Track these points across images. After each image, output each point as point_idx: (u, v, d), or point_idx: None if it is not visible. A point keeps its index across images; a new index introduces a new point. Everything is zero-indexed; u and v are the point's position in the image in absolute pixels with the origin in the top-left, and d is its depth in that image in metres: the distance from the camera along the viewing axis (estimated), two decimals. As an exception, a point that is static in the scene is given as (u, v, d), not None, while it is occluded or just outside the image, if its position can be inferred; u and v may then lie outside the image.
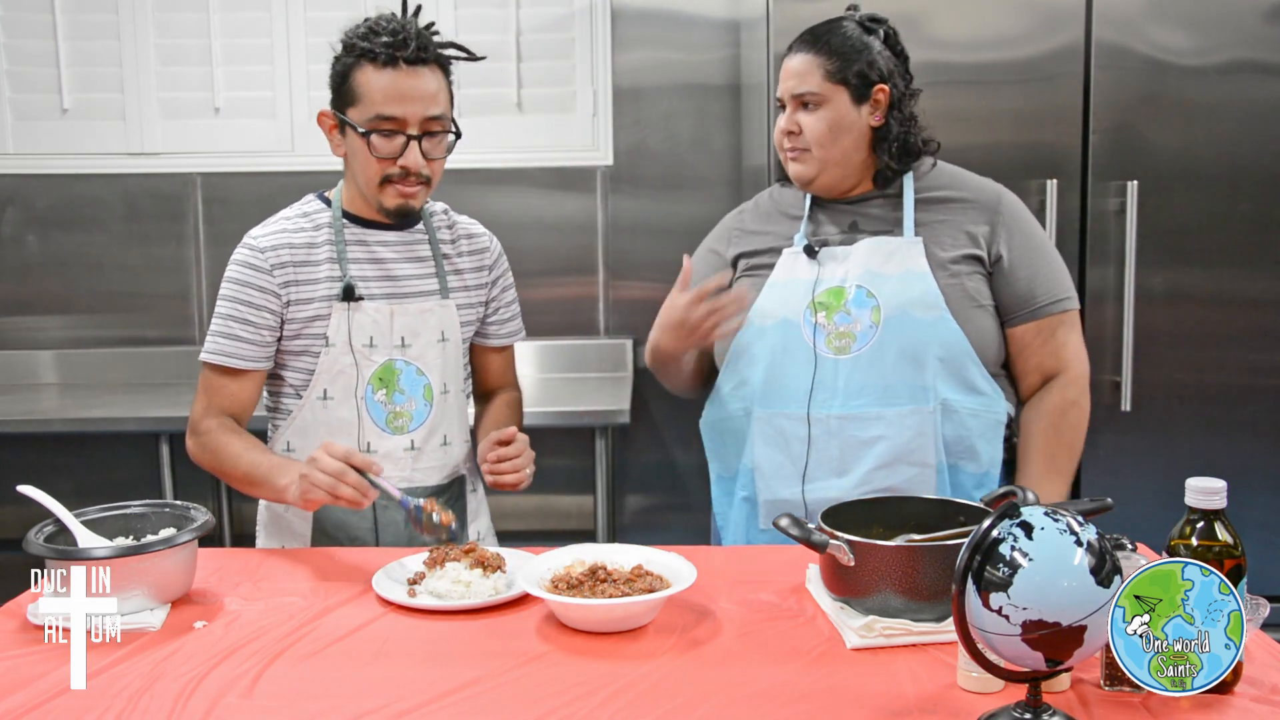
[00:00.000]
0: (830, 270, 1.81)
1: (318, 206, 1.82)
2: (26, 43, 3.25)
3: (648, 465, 3.34)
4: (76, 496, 1.56)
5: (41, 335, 3.36)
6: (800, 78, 1.80)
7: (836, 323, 1.78)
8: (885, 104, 1.81)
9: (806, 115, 1.80)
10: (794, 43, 1.83)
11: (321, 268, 1.77)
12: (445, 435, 1.85)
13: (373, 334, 1.77)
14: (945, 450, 1.75)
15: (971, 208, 1.82)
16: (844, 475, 1.76)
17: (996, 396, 1.78)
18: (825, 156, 1.80)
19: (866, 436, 1.75)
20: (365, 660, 1.28)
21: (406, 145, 1.68)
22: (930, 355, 1.74)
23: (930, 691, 1.17)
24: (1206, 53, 2.53)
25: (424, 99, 1.68)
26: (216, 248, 3.32)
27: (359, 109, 1.69)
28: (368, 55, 1.67)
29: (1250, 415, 2.64)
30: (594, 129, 3.30)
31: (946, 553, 1.30)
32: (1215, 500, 1.18)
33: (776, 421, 1.80)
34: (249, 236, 1.80)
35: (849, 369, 1.76)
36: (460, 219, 1.92)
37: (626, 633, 1.34)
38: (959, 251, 1.79)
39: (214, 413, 1.78)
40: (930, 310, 1.75)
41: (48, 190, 3.31)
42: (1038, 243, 1.83)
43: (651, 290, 3.32)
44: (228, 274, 1.78)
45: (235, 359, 1.76)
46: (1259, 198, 2.58)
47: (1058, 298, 1.81)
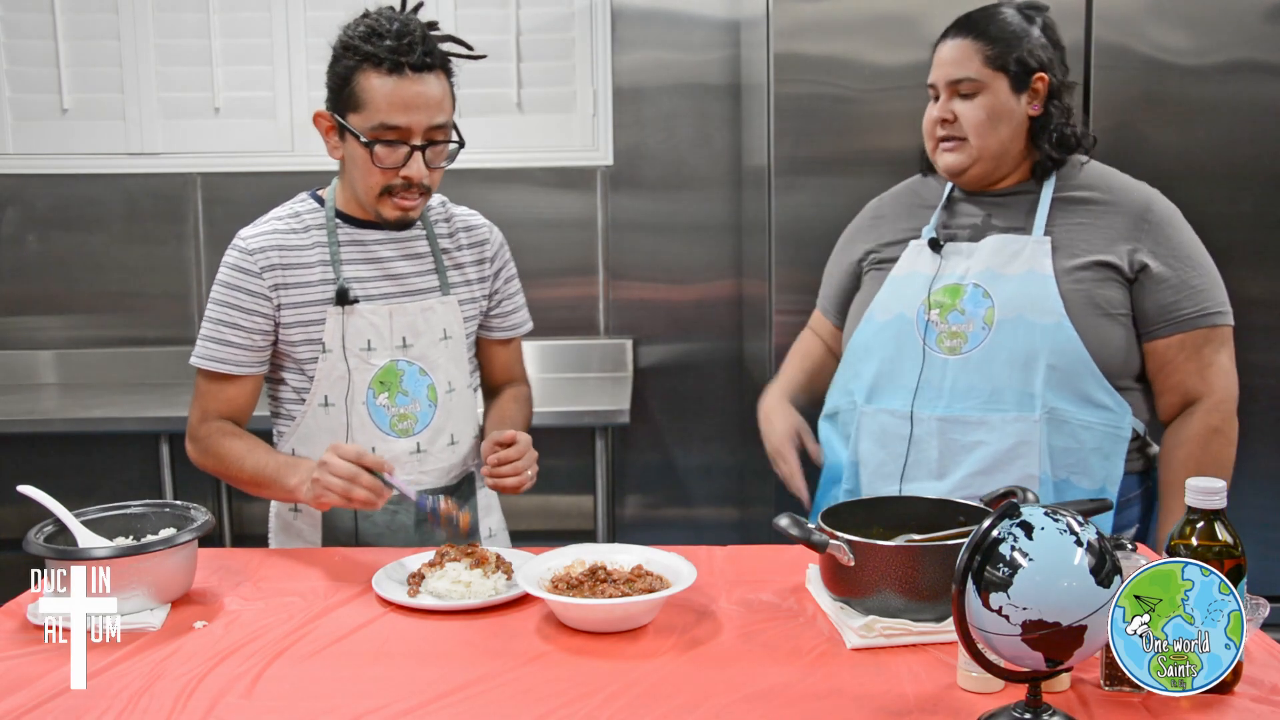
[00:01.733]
0: (952, 266, 1.76)
1: (310, 206, 1.78)
2: (26, 43, 3.25)
3: (648, 465, 3.34)
4: (76, 496, 1.56)
5: (41, 335, 3.36)
6: (958, 64, 1.73)
7: (950, 322, 1.73)
8: (1044, 93, 1.75)
9: (963, 103, 1.73)
10: (949, 29, 1.77)
11: (314, 270, 1.73)
12: (452, 435, 1.82)
13: (370, 337, 1.74)
14: (1053, 462, 1.67)
15: (1114, 212, 1.74)
16: (942, 478, 1.71)
17: (1120, 411, 1.69)
18: (982, 146, 1.74)
19: (967, 441, 1.69)
20: (365, 660, 1.28)
21: (410, 155, 1.64)
22: (1041, 362, 1.67)
23: (930, 691, 1.17)
24: (1206, 53, 2.53)
25: (429, 108, 1.63)
26: (216, 248, 3.30)
27: (361, 116, 1.63)
28: (371, 60, 1.61)
29: (1250, 415, 2.63)
30: (594, 129, 3.30)
31: (946, 553, 1.30)
32: (1215, 500, 1.18)
33: (880, 418, 1.76)
34: (238, 237, 1.75)
35: (957, 370, 1.71)
36: (458, 210, 1.88)
37: (626, 633, 1.34)
38: (1092, 257, 1.71)
39: (210, 417, 1.75)
40: (1047, 315, 1.68)
41: (48, 190, 3.31)
42: (1188, 251, 1.74)
43: (651, 290, 3.33)
44: (218, 276, 1.75)
45: (225, 364, 1.73)
46: (1259, 198, 2.57)
47: (1206, 310, 1.72)
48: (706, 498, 3.34)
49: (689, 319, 3.32)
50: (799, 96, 2.50)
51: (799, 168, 2.47)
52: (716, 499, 3.33)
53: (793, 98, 2.51)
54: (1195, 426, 1.74)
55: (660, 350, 3.35)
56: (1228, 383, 1.76)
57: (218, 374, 1.74)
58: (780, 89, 2.54)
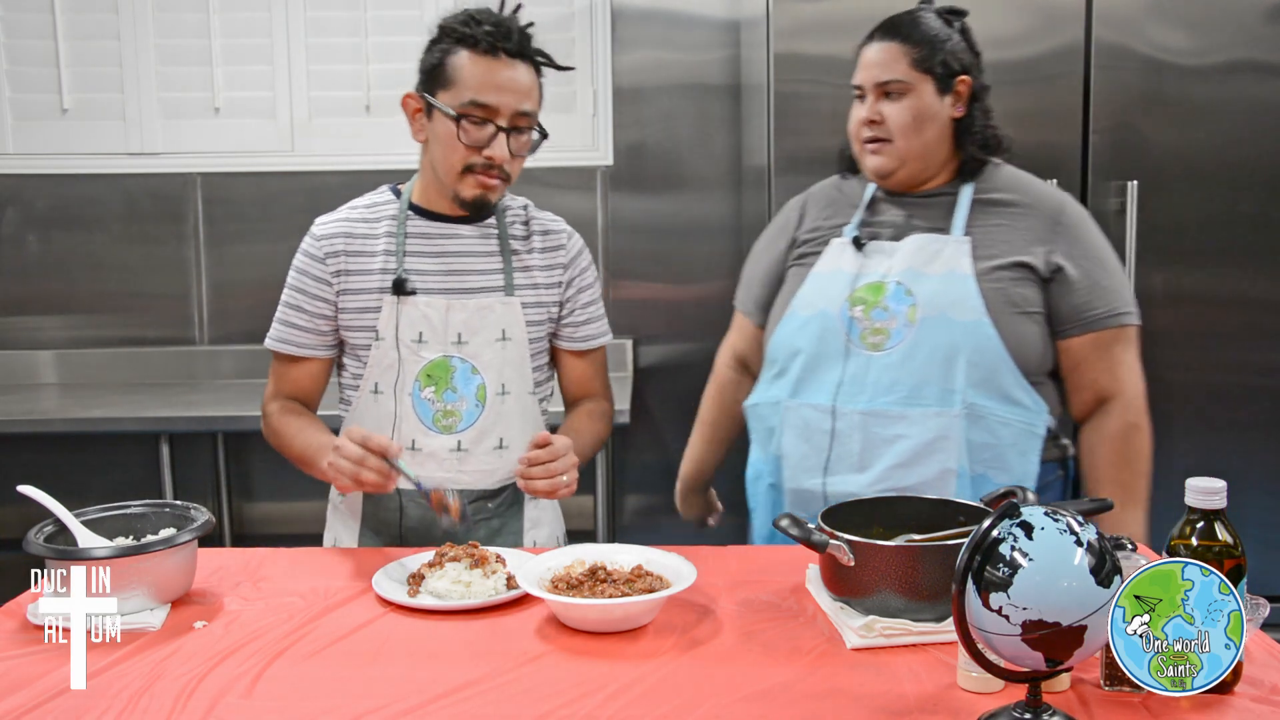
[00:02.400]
0: (874, 264, 1.80)
1: (387, 197, 1.81)
2: (26, 43, 3.25)
3: (648, 465, 3.34)
4: (76, 496, 1.56)
5: (41, 335, 3.36)
6: (884, 65, 1.76)
7: (873, 318, 1.76)
8: (966, 95, 1.79)
9: (890, 104, 1.76)
10: (874, 31, 1.80)
11: (376, 259, 1.76)
12: (501, 438, 1.78)
13: (423, 329, 1.74)
14: (971, 456, 1.71)
15: (1030, 214, 1.78)
16: (864, 471, 1.75)
17: (1037, 409, 1.74)
18: (908, 147, 1.77)
19: (888, 434, 1.73)
20: (365, 660, 1.28)
21: (495, 135, 1.67)
22: (961, 358, 1.71)
23: (930, 691, 1.17)
24: (1206, 53, 2.53)
25: (519, 92, 1.66)
26: (216, 248, 3.33)
27: (451, 93, 1.66)
28: (468, 41, 1.66)
29: (1250, 415, 2.64)
30: (594, 129, 3.30)
31: (946, 553, 1.30)
32: (1215, 500, 1.18)
33: (803, 412, 1.79)
34: (315, 223, 1.81)
35: (880, 365, 1.75)
36: (541, 215, 1.87)
37: (626, 633, 1.34)
38: (1008, 258, 1.75)
39: (279, 396, 1.82)
40: (967, 313, 1.72)
41: (48, 190, 3.31)
42: (1099, 254, 1.79)
43: (651, 290, 3.33)
44: (294, 262, 1.81)
45: (289, 345, 1.80)
46: (1259, 198, 2.58)
47: (1115, 310, 1.76)
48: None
49: (689, 319, 3.32)
50: (799, 96, 2.50)
51: (799, 168, 2.47)
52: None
53: (793, 98, 2.51)
54: (1114, 424, 1.78)
55: (660, 350, 3.35)
56: (1137, 380, 1.81)
57: (285, 355, 1.81)
58: (780, 89, 2.54)
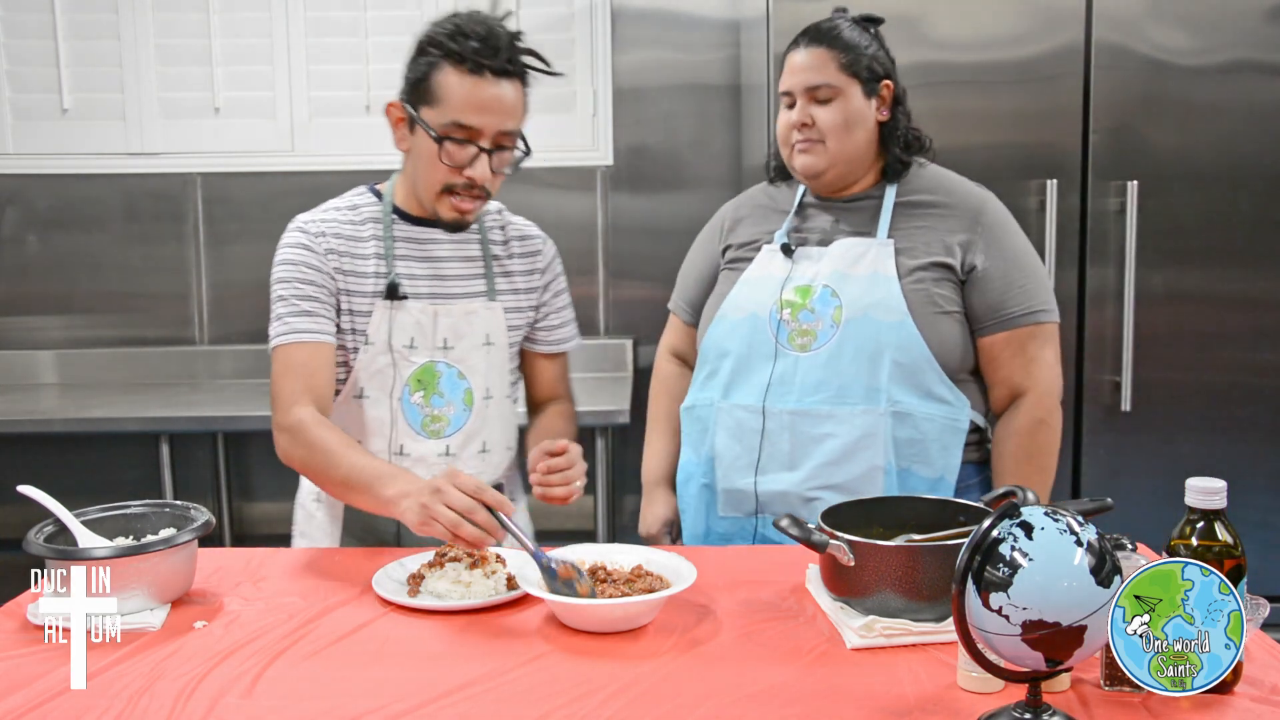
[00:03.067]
0: (803, 269, 1.83)
1: (368, 199, 1.79)
2: (26, 43, 3.25)
3: (647, 465, 3.33)
4: (76, 496, 1.56)
5: (41, 335, 3.36)
6: (813, 70, 1.79)
7: (800, 320, 1.80)
8: (889, 99, 1.83)
9: (820, 108, 1.80)
10: (798, 38, 1.83)
11: (368, 262, 1.74)
12: (484, 442, 1.80)
13: (414, 334, 1.73)
14: (896, 453, 1.75)
15: (951, 215, 1.82)
16: (794, 469, 1.77)
17: (959, 405, 1.78)
18: (838, 149, 1.80)
19: (817, 433, 1.76)
20: (365, 660, 1.28)
21: (476, 157, 1.64)
22: (886, 358, 1.74)
23: (930, 691, 1.17)
24: (1206, 53, 2.53)
25: (502, 112, 1.63)
26: (216, 248, 3.33)
27: (436, 111, 1.63)
28: (454, 57, 1.61)
29: (1250, 415, 2.64)
30: (594, 129, 3.30)
31: (946, 553, 1.30)
32: (1215, 500, 1.18)
33: (735, 413, 1.82)
34: (298, 222, 1.75)
35: (807, 366, 1.78)
36: (515, 219, 1.88)
37: (626, 633, 1.34)
38: (929, 259, 1.79)
39: (299, 400, 1.66)
40: (891, 313, 1.75)
41: (48, 190, 3.31)
42: (1015, 253, 1.82)
43: (651, 290, 3.32)
44: (281, 257, 1.72)
45: (311, 333, 1.68)
46: (1259, 198, 2.58)
47: (1031, 309, 1.79)
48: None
49: (689, 319, 3.32)
50: (799, 96, 2.49)
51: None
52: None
53: (793, 98, 2.51)
54: (1021, 419, 1.81)
55: (660, 350, 3.35)
56: (1051, 376, 1.83)
57: (301, 349, 1.67)
58: (780, 89, 2.54)
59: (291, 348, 1.68)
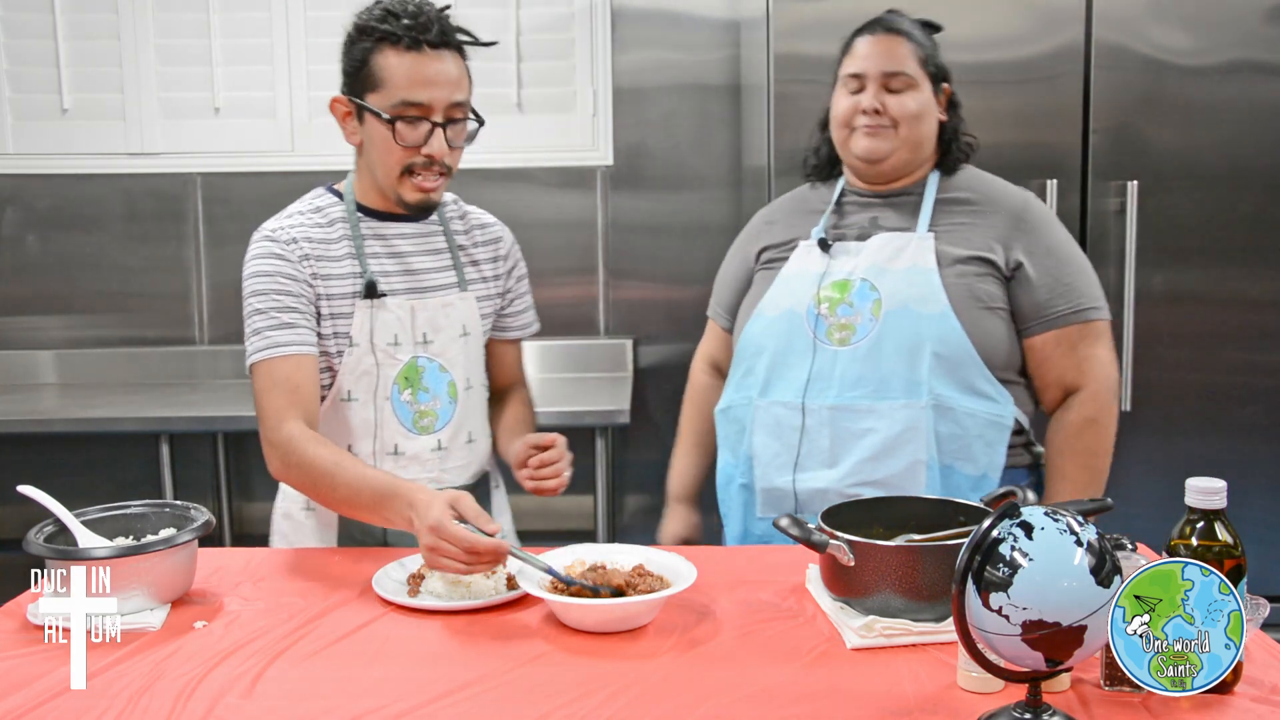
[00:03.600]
0: (840, 264, 1.82)
1: (329, 200, 1.76)
2: (26, 43, 3.25)
3: (648, 465, 3.32)
4: (76, 496, 1.56)
5: (41, 335, 3.36)
6: (894, 58, 1.79)
7: (839, 315, 1.78)
8: (946, 102, 1.85)
9: (892, 97, 1.79)
10: (872, 25, 1.83)
11: (342, 263, 1.71)
12: (470, 433, 1.80)
13: (396, 331, 1.72)
14: (939, 448, 1.73)
15: (994, 213, 1.81)
16: (834, 466, 1.76)
17: (1002, 401, 1.75)
18: (908, 136, 1.80)
19: (857, 428, 1.74)
20: (365, 660, 1.28)
21: (431, 133, 1.63)
22: (926, 350, 1.72)
23: (930, 691, 1.17)
24: (1206, 53, 2.53)
25: (449, 84, 1.63)
26: (216, 248, 3.32)
27: (381, 95, 1.63)
28: (389, 38, 1.61)
29: (1250, 415, 2.64)
30: (594, 129, 3.30)
31: (946, 553, 1.30)
32: (1215, 500, 1.18)
33: (774, 410, 1.80)
34: (265, 231, 1.70)
35: (846, 360, 1.76)
36: (471, 209, 1.88)
37: (626, 633, 1.34)
38: (972, 252, 1.77)
39: (289, 416, 1.62)
40: (932, 305, 1.73)
41: (48, 190, 3.31)
42: (1062, 252, 1.80)
43: (651, 290, 3.33)
44: (253, 269, 1.67)
45: (292, 346, 1.64)
46: (1259, 198, 2.58)
47: (1079, 307, 1.77)
48: (706, 498, 3.34)
49: (689, 319, 3.30)
50: (799, 96, 2.50)
51: (799, 168, 2.46)
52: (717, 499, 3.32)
53: (793, 98, 2.51)
54: (1071, 417, 1.80)
55: (660, 350, 3.35)
56: (1106, 374, 1.80)
57: (284, 362, 1.63)
58: (780, 89, 2.54)
59: (274, 362, 1.64)
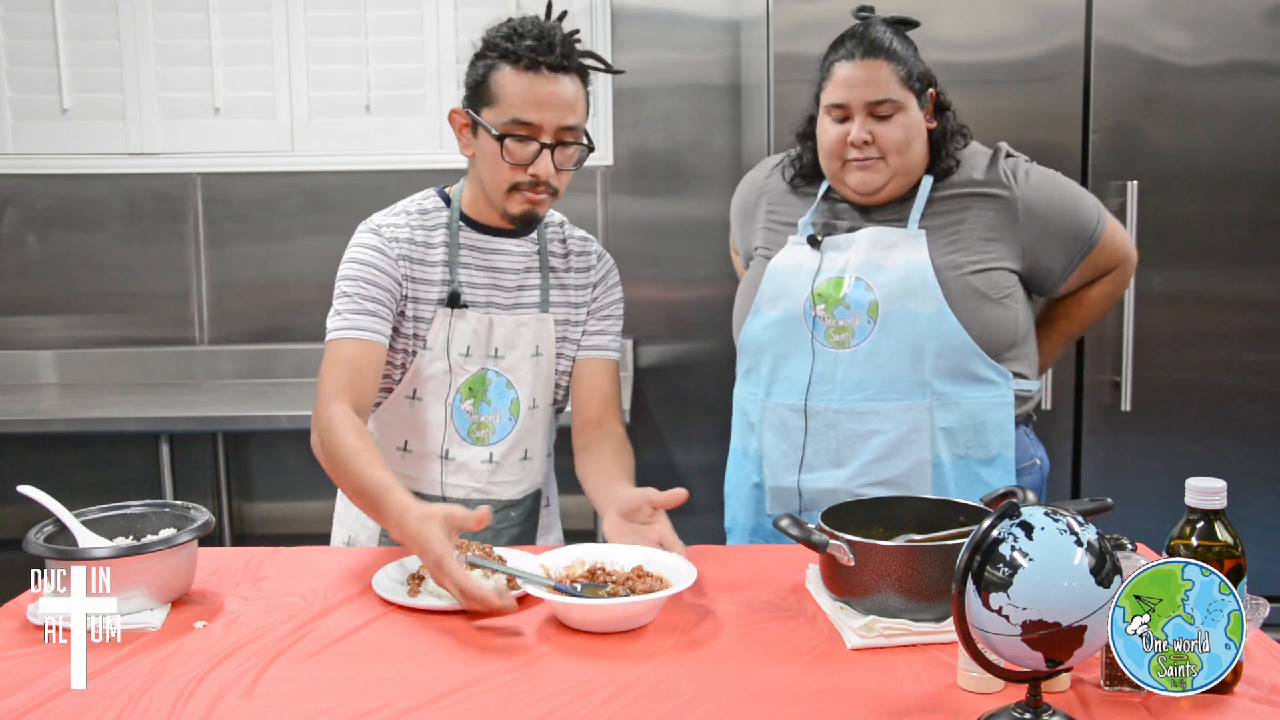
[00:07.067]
0: (832, 259, 1.80)
1: (437, 204, 1.78)
2: (26, 43, 3.25)
3: (648, 465, 3.30)
4: (76, 496, 1.56)
5: (41, 335, 3.36)
6: (875, 85, 1.73)
7: (836, 317, 1.77)
8: (932, 106, 1.80)
9: (880, 124, 1.74)
10: (849, 48, 1.76)
11: (434, 269, 1.74)
12: (527, 450, 1.82)
13: (470, 343, 1.74)
14: (949, 441, 1.74)
15: (985, 196, 1.78)
16: (841, 467, 1.76)
17: (1004, 383, 1.76)
18: (899, 165, 1.76)
19: (862, 430, 1.75)
20: (365, 660, 1.28)
21: (539, 153, 1.64)
22: (928, 350, 1.72)
23: (930, 691, 1.17)
24: (1206, 53, 2.53)
25: (562, 107, 1.64)
26: (216, 248, 3.32)
27: (495, 111, 1.64)
28: (509, 57, 1.63)
29: (1250, 415, 2.64)
30: (594, 129, 3.30)
31: (946, 553, 1.30)
32: (1215, 500, 1.18)
33: (779, 412, 1.81)
34: (372, 224, 1.74)
35: (847, 364, 1.76)
36: (576, 232, 1.87)
37: (626, 633, 1.34)
38: (969, 244, 1.76)
39: (341, 397, 1.64)
40: (928, 304, 1.72)
41: (48, 190, 3.31)
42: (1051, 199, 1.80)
43: (651, 290, 3.32)
44: (352, 255, 1.72)
45: (367, 332, 1.68)
46: (1259, 198, 2.58)
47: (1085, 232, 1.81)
48: (706, 497, 3.34)
49: (689, 319, 3.32)
50: (799, 96, 2.49)
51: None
52: (716, 499, 3.32)
53: (793, 98, 2.51)
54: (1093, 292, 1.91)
55: (660, 350, 3.35)
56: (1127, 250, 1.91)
57: (354, 344, 1.67)
58: (780, 89, 2.54)
59: (345, 342, 1.69)
